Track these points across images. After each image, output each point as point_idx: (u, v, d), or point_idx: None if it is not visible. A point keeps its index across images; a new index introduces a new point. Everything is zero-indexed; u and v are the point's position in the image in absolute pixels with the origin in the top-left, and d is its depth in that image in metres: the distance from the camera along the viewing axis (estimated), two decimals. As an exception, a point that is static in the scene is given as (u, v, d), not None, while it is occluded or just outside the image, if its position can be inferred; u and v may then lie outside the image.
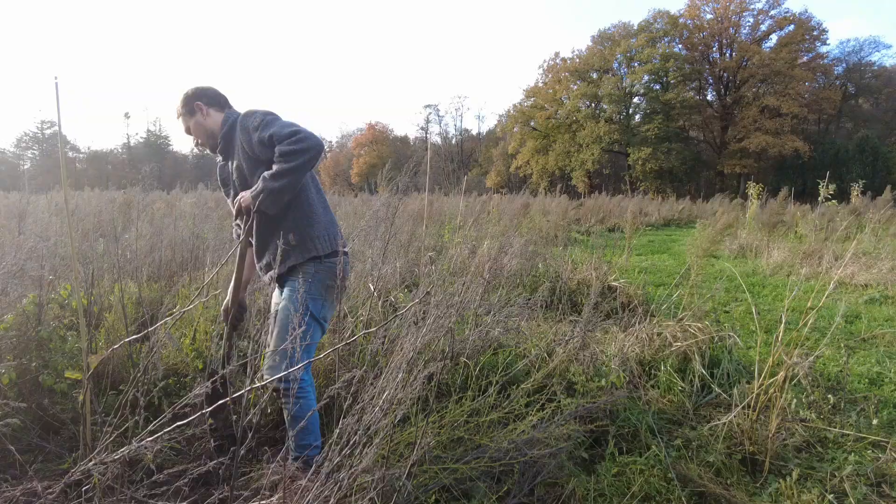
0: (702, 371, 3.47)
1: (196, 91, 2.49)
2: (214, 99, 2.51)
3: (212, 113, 2.48)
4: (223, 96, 2.55)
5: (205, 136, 2.50)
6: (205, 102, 2.48)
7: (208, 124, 2.48)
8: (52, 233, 4.01)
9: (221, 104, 2.52)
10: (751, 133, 39.08)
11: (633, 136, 42.86)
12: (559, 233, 8.85)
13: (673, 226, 19.17)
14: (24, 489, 1.89)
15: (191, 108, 2.47)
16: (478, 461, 2.29)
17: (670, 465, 2.53)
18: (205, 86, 2.53)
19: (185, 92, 2.49)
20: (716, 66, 43.45)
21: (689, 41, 43.31)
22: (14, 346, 2.82)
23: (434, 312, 1.71)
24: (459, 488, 2.23)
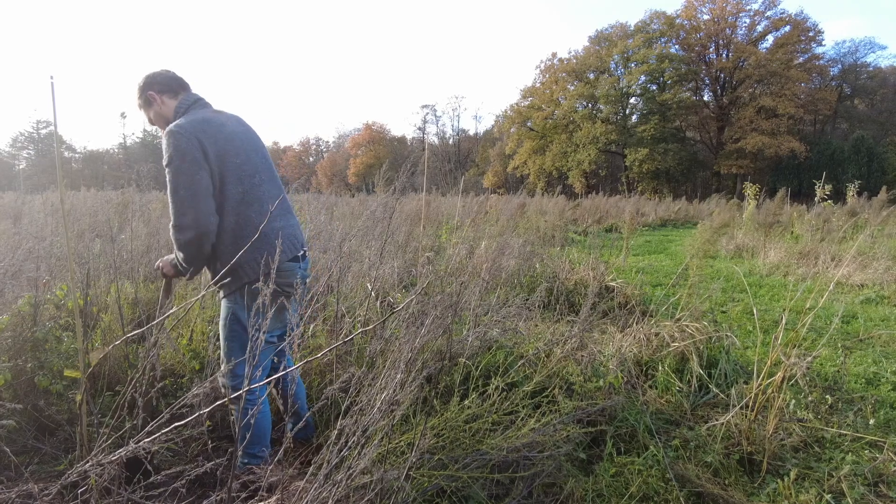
0: (699, 371, 3.47)
1: (147, 80, 2.35)
2: (166, 85, 2.36)
3: (166, 100, 2.35)
4: (177, 80, 2.39)
5: (165, 125, 2.34)
6: (157, 91, 2.35)
7: (164, 112, 2.35)
8: (47, 233, 3.99)
9: (174, 90, 2.37)
10: (747, 133, 39.19)
11: (630, 137, 42.93)
12: (556, 233, 8.85)
13: (669, 226, 19.21)
14: (19, 491, 1.88)
15: (146, 99, 2.36)
16: (477, 466, 2.28)
17: (668, 466, 2.53)
18: (156, 71, 2.38)
19: (139, 81, 2.37)
20: (712, 66, 43.56)
21: (685, 42, 43.40)
22: (9, 347, 2.80)
23: (433, 312, 1.70)
24: (458, 492, 2.23)
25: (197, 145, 2.14)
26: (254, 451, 2.32)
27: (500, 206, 11.07)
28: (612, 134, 43.23)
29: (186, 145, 2.12)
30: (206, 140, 2.16)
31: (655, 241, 13.35)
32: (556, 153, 45.59)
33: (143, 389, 1.92)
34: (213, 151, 2.17)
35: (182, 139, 2.12)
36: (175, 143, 2.12)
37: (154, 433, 1.80)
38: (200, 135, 2.16)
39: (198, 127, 2.18)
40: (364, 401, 1.59)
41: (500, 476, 2.33)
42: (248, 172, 2.28)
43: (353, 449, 1.44)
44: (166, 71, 2.40)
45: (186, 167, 2.11)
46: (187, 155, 2.12)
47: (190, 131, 2.14)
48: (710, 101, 45.67)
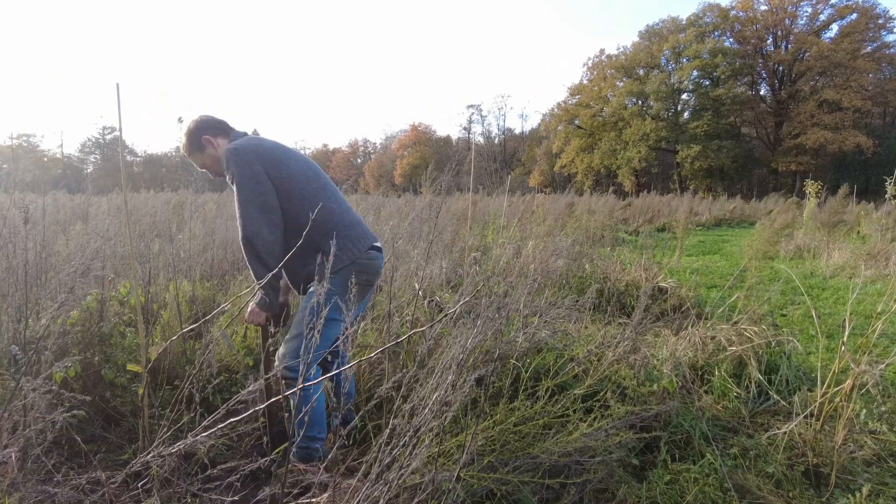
0: (759, 377, 3.32)
1: (199, 125, 2.42)
2: (218, 128, 2.45)
3: (220, 142, 2.42)
4: (222, 121, 2.48)
5: (221, 167, 2.43)
6: (211, 134, 2.42)
7: (220, 154, 2.41)
8: (112, 233, 4.19)
9: (225, 130, 2.46)
10: (808, 129, 37.34)
11: (682, 134, 41.66)
12: (606, 233, 8.67)
13: (724, 226, 18.53)
14: (88, 478, 1.98)
15: (199, 144, 2.42)
16: (526, 469, 2.25)
17: (726, 475, 2.43)
18: (202, 117, 2.45)
19: (188, 128, 2.43)
20: (770, 59, 41.72)
21: (740, 35, 41.74)
22: (79, 341, 2.96)
23: (484, 313, 1.69)
24: (507, 495, 2.20)
25: (257, 161, 2.27)
26: (313, 433, 2.34)
27: (547, 206, 10.94)
28: (663, 131, 42.07)
29: (248, 162, 2.25)
30: (264, 155, 2.31)
31: (710, 241, 12.90)
32: (605, 151, 44.73)
33: (199, 385, 1.98)
34: (272, 164, 2.31)
35: (243, 156, 2.26)
36: (237, 160, 2.25)
37: (210, 428, 1.86)
38: (258, 151, 2.31)
39: (254, 146, 2.32)
40: (415, 400, 1.59)
41: (550, 480, 2.29)
42: (309, 177, 2.40)
43: (404, 448, 1.44)
44: (209, 115, 2.48)
45: (249, 181, 2.24)
46: (248, 169, 2.25)
47: (249, 149, 2.29)
48: (767, 95, 43.79)
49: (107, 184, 20.80)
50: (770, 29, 41.21)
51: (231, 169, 2.26)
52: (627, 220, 15.79)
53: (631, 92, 44.48)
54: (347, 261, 2.33)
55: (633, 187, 40.93)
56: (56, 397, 1.95)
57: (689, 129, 41.01)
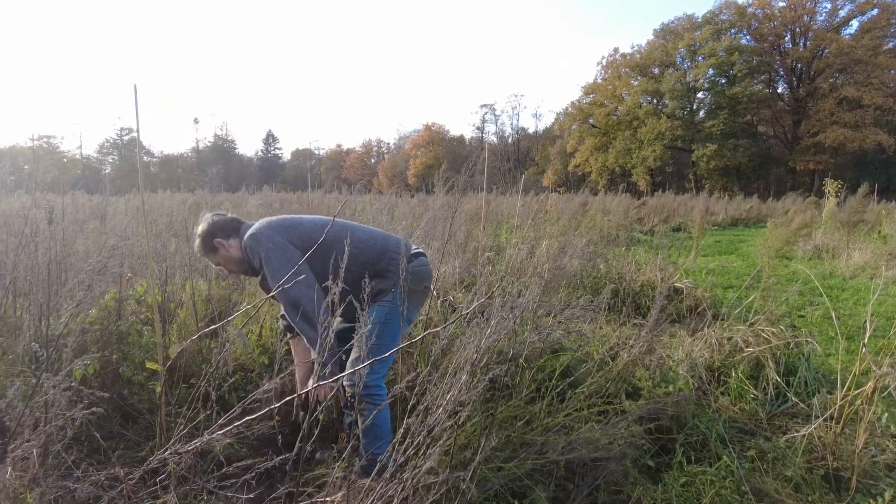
0: (776, 378, 3.28)
1: (210, 228, 2.47)
2: (228, 228, 2.49)
3: (232, 243, 2.47)
4: (233, 220, 2.53)
5: (235, 266, 2.50)
6: (222, 236, 2.46)
7: (233, 255, 2.47)
8: (129, 232, 4.25)
9: (236, 229, 2.50)
10: (826, 127, 36.73)
11: (697, 133, 41.22)
12: (621, 232, 8.60)
13: (741, 225, 18.32)
14: (107, 474, 2.01)
15: (212, 247, 2.46)
16: (539, 468, 2.24)
17: (743, 478, 2.40)
18: (212, 220, 2.50)
19: (199, 233, 2.48)
20: (787, 56, 41.10)
21: (757, 32, 41.17)
22: (97, 339, 3.00)
23: (498, 314, 1.68)
24: (519, 493, 2.20)
25: (275, 234, 2.35)
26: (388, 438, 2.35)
27: (560, 205, 10.88)
28: (678, 130, 41.67)
29: (268, 237, 2.34)
30: (277, 226, 2.42)
31: (726, 241, 12.77)
32: (620, 150, 44.40)
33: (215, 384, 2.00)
34: (288, 230, 2.39)
35: (261, 237, 2.35)
36: (258, 244, 2.34)
37: (226, 426, 1.87)
38: (272, 226, 2.40)
39: (266, 224, 2.41)
40: (429, 400, 1.59)
41: (563, 480, 2.28)
42: (324, 223, 2.47)
43: (419, 448, 1.44)
44: (220, 215, 2.53)
45: (275, 252, 2.31)
46: (270, 243, 2.33)
47: (264, 228, 2.38)
48: (785, 93, 43.19)
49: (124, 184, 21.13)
50: (788, 26, 40.61)
51: (257, 254, 2.33)
52: (642, 219, 15.66)
53: (646, 90, 44.12)
54: (396, 278, 2.39)
55: (648, 187, 40.56)
56: (76, 394, 1.98)
57: (705, 128, 40.58)
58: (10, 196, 3.57)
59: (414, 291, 2.44)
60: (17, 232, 3.10)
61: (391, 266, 2.41)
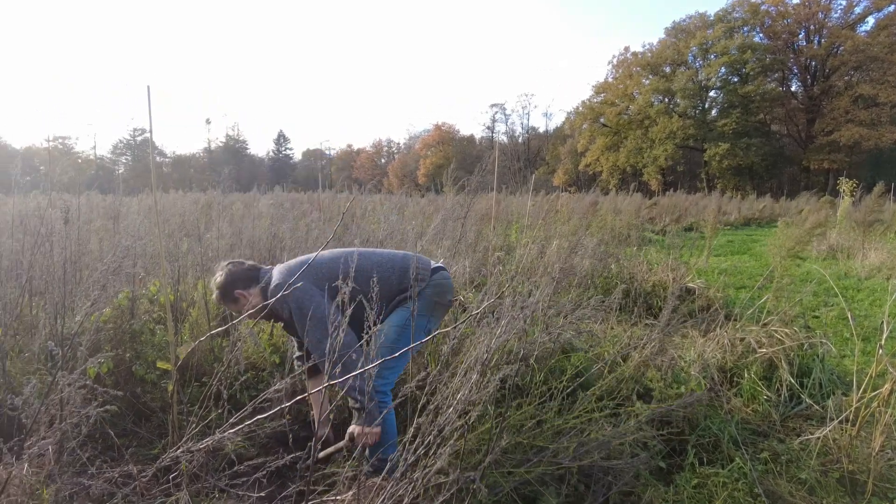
0: (790, 380, 3.24)
1: (228, 280, 2.44)
2: (246, 278, 2.46)
3: (252, 291, 2.44)
4: (251, 268, 2.50)
5: (257, 314, 2.45)
6: (242, 287, 2.43)
7: (254, 303, 2.43)
8: (142, 232, 4.29)
9: (255, 278, 2.46)
10: (841, 125, 36.25)
11: (710, 132, 40.86)
12: (632, 232, 8.55)
13: (753, 225, 18.16)
14: (121, 471, 2.03)
15: (233, 298, 2.44)
16: (550, 469, 2.23)
17: (756, 480, 2.37)
18: (230, 269, 2.47)
19: (217, 285, 2.45)
20: (801, 54, 40.62)
21: (770, 29, 40.72)
22: (111, 338, 3.03)
23: (508, 313, 1.68)
24: (529, 496, 2.19)
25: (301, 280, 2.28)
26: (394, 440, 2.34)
27: (571, 205, 10.84)
28: (690, 129, 41.34)
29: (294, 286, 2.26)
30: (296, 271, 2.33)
31: (738, 240, 12.65)
32: (631, 149, 44.12)
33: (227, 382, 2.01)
34: (309, 274, 2.33)
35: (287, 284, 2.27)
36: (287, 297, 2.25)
37: (238, 425, 1.89)
38: (292, 272, 2.34)
39: (286, 271, 2.38)
40: (439, 399, 1.59)
41: (574, 481, 2.27)
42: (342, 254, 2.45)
43: (429, 448, 1.44)
44: (238, 265, 2.49)
45: (304, 301, 2.26)
46: (298, 291, 2.26)
47: (287, 274, 2.34)
48: (799, 91, 42.65)
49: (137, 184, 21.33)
50: (802, 23, 40.12)
51: (285, 306, 2.29)
52: (654, 219, 15.56)
53: (657, 89, 43.81)
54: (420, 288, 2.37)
55: (660, 186, 40.27)
56: (90, 392, 2.00)
57: (717, 127, 40.21)
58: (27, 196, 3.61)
59: (438, 304, 2.46)
60: (33, 231, 3.14)
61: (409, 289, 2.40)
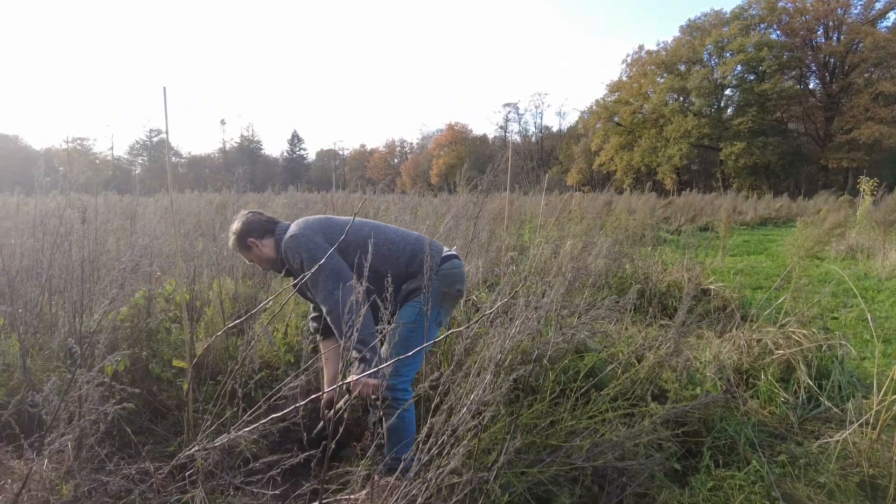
0: (808, 382, 3.20)
1: (244, 228, 2.49)
2: (262, 228, 2.50)
3: (266, 242, 2.49)
4: (268, 220, 2.54)
5: (268, 265, 2.53)
6: (256, 236, 2.48)
7: (266, 254, 2.49)
8: (159, 232, 4.34)
9: (269, 229, 2.51)
10: (861, 123, 35.63)
11: (725, 130, 40.43)
12: (646, 232, 8.48)
13: (770, 225, 17.92)
14: (137, 468, 2.05)
15: (246, 245, 2.49)
16: (563, 470, 2.22)
17: (774, 483, 2.34)
18: (248, 219, 2.52)
19: (233, 231, 2.51)
20: (820, 51, 39.99)
21: (788, 26, 40.15)
22: (128, 336, 3.07)
23: (522, 313, 1.67)
24: (542, 497, 2.18)
25: (314, 234, 2.36)
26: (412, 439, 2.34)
27: (585, 205, 10.79)
28: (705, 128, 40.94)
29: (308, 239, 2.34)
30: (315, 226, 2.40)
31: (754, 240, 12.50)
32: (645, 149, 43.78)
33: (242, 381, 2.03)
34: (325, 230, 2.39)
35: (301, 237, 2.35)
36: (297, 243, 2.34)
37: (252, 423, 1.90)
38: (309, 226, 2.40)
39: (304, 224, 2.43)
40: (453, 400, 1.59)
41: (588, 482, 2.26)
42: (359, 224, 2.48)
43: (443, 448, 1.44)
44: (257, 214, 2.55)
45: (317, 253, 2.29)
46: (311, 243, 2.33)
47: (304, 227, 2.40)
48: (817, 89, 42.04)
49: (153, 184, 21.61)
50: (821, 19, 39.52)
51: (297, 255, 2.33)
52: (668, 218, 15.42)
53: (672, 88, 43.43)
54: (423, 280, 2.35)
55: (674, 185, 39.91)
56: (107, 390, 2.02)
57: (733, 126, 39.76)
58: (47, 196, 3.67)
59: (447, 294, 2.42)
60: (52, 231, 3.19)
61: (423, 267, 2.40)
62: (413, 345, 2.28)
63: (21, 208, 6.01)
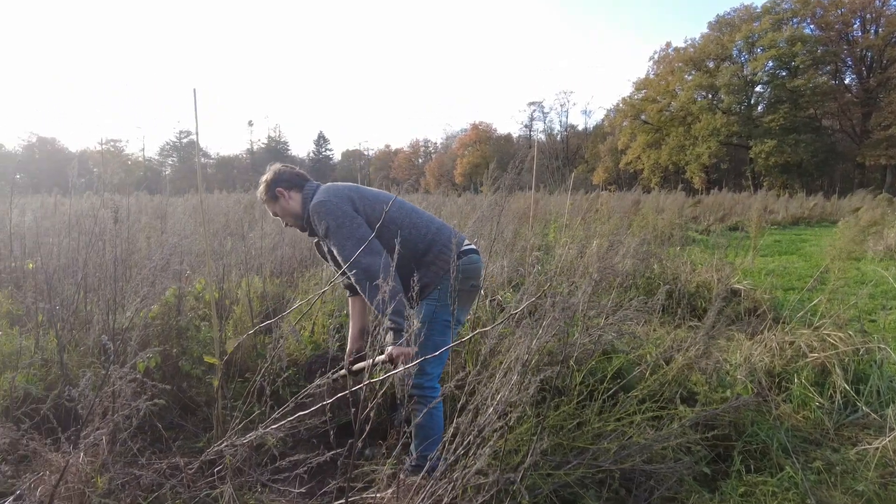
0: (845, 386, 3.10)
1: (275, 177, 2.50)
2: (293, 181, 2.50)
3: (293, 195, 2.48)
4: (300, 174, 2.55)
5: (292, 219, 2.53)
6: (285, 187, 2.48)
7: (292, 207, 2.49)
8: (188, 231, 4.43)
9: (300, 184, 2.51)
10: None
11: (756, 128, 39.49)
12: (675, 231, 8.33)
13: (802, 224, 17.44)
14: (168, 463, 2.09)
15: (273, 195, 2.49)
16: (590, 472, 2.19)
17: (809, 490, 2.28)
18: (280, 168, 2.54)
19: (265, 178, 2.52)
20: (856, 45, 38.78)
21: (822, 20, 39.03)
22: (159, 333, 3.14)
23: (549, 314, 1.66)
24: (570, 498, 2.16)
25: (343, 202, 2.35)
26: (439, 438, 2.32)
27: (611, 204, 10.66)
28: (735, 125, 40.05)
29: (336, 205, 2.33)
30: (343, 193, 2.40)
31: (786, 240, 12.19)
32: (673, 147, 43.05)
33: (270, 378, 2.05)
34: (355, 199, 2.38)
35: (329, 204, 2.34)
36: (326, 210, 2.33)
37: (280, 420, 1.92)
38: (338, 193, 2.40)
39: (335, 189, 2.43)
40: (478, 400, 1.58)
41: (615, 485, 2.23)
42: (384, 200, 2.46)
43: (469, 448, 1.44)
44: (289, 167, 2.56)
45: (343, 220, 2.30)
46: (339, 210, 2.32)
47: (333, 193, 2.39)
48: (853, 84, 40.77)
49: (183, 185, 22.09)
50: (857, 12, 38.30)
51: (323, 221, 2.32)
52: (697, 218, 15.15)
53: (700, 85, 42.61)
54: (443, 272, 2.36)
55: (703, 184, 39.12)
56: (140, 386, 2.07)
57: (764, 123, 38.82)
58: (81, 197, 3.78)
59: (461, 290, 2.37)
60: (87, 231, 3.28)
61: (437, 259, 2.37)
62: (433, 342, 2.27)
63: (58, 208, 6.19)
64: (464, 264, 2.37)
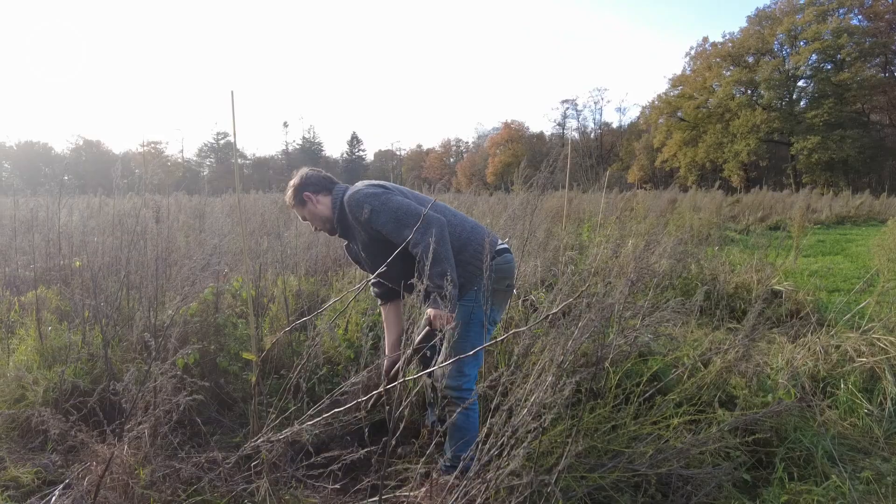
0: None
1: (302, 182, 2.48)
2: (321, 184, 2.49)
3: (321, 199, 2.47)
4: (328, 178, 2.53)
5: (321, 223, 2.52)
6: (312, 191, 2.46)
7: (320, 211, 2.47)
8: (226, 231, 4.53)
9: (328, 187, 2.49)
10: (955, 113, 32.87)
11: (798, 124, 38.18)
12: (713, 231, 8.12)
13: (848, 223, 16.78)
14: (206, 457, 2.15)
15: (300, 199, 2.48)
16: (626, 476, 2.16)
17: (857, 501, 2.19)
18: (307, 172, 2.52)
19: (292, 183, 2.50)
20: (907, 36, 37.13)
21: (871, 10, 37.45)
22: (197, 330, 3.22)
23: (585, 315, 1.63)
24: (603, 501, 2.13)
25: (378, 188, 2.37)
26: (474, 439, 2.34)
27: (647, 203, 10.46)
28: (775, 122, 38.80)
29: (371, 191, 2.34)
30: (377, 184, 2.42)
31: (830, 240, 11.76)
32: (710, 144, 41.98)
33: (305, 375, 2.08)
34: (393, 189, 2.40)
35: (365, 190, 2.36)
36: (362, 195, 2.33)
37: (315, 417, 1.94)
38: (373, 184, 2.42)
39: (368, 183, 2.44)
40: (512, 401, 1.57)
41: (651, 490, 2.19)
42: (420, 198, 2.47)
43: (503, 449, 1.43)
44: (316, 170, 2.56)
45: (387, 199, 2.30)
46: (377, 191, 2.34)
47: (366, 185, 2.41)
48: (904, 77, 39.08)
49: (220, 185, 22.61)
50: (908, 2, 36.69)
51: (365, 206, 2.29)
52: (736, 217, 14.73)
53: (739, 81, 41.46)
54: (478, 272, 2.31)
55: (742, 182, 38.03)
56: (179, 381, 2.13)
57: (807, 119, 37.48)
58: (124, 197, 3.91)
59: (496, 290, 2.35)
60: (129, 230, 3.39)
61: (473, 260, 2.34)
62: (471, 343, 2.26)
63: (103, 208, 6.42)
64: (498, 264, 2.34)
